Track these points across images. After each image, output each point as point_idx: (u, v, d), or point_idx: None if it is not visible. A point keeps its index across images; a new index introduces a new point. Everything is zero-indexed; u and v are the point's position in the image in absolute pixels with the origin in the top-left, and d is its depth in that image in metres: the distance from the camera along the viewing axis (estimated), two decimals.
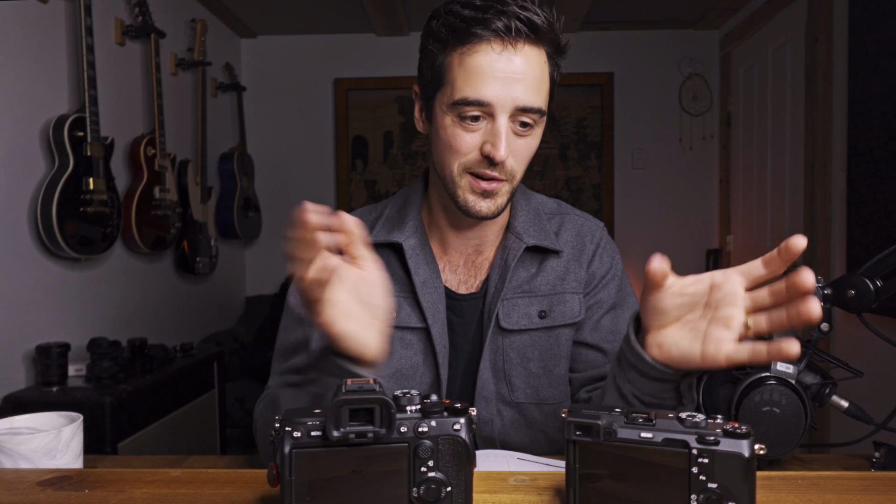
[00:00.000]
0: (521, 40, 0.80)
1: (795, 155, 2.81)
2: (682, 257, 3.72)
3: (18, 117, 1.93)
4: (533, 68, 0.81)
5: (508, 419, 0.92)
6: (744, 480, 0.47)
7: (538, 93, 0.82)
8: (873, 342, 2.22)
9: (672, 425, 0.49)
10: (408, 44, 3.74)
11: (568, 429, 0.51)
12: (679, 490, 0.48)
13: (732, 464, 0.47)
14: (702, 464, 0.48)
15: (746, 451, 0.47)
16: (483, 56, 0.80)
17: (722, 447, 0.47)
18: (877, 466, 0.85)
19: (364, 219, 0.99)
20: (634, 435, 0.49)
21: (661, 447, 0.48)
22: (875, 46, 2.17)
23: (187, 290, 3.04)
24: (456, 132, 0.83)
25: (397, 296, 0.92)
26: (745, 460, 0.47)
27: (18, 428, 0.75)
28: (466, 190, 0.85)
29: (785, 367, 0.82)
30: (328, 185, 3.81)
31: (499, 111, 0.80)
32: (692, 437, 0.48)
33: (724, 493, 0.47)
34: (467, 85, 0.80)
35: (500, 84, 0.80)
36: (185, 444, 2.21)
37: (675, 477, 0.48)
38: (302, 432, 0.49)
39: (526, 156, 0.86)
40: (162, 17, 2.65)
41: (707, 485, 0.47)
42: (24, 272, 1.95)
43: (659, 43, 3.70)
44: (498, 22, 0.78)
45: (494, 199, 0.86)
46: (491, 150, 0.81)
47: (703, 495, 0.48)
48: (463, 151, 0.83)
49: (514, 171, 0.86)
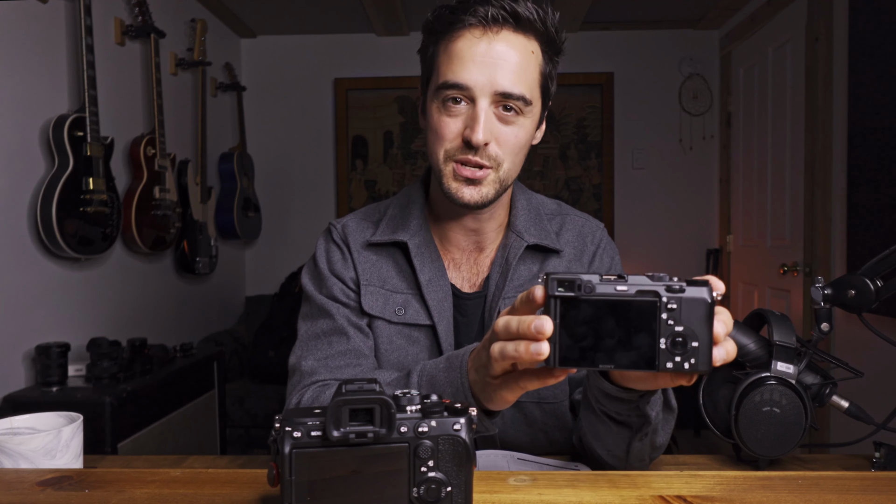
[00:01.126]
0: (502, 27, 0.82)
1: (795, 155, 2.81)
2: (682, 257, 3.72)
3: (18, 117, 1.93)
4: (514, 55, 0.82)
5: (508, 418, 0.92)
6: (705, 322, 0.53)
7: (520, 79, 0.83)
8: (873, 342, 2.23)
9: (643, 280, 0.54)
10: (408, 44, 3.74)
11: (551, 285, 0.54)
12: (648, 333, 0.53)
13: (696, 308, 0.53)
14: (670, 309, 0.53)
15: (708, 296, 0.53)
16: (464, 41, 0.83)
17: (687, 294, 0.53)
18: (877, 466, 0.85)
19: (368, 218, 1.00)
20: (610, 289, 0.53)
21: (634, 297, 0.53)
22: (875, 46, 2.17)
23: (187, 290, 3.04)
24: (441, 119, 0.85)
25: (405, 293, 0.94)
26: (708, 304, 0.52)
27: (18, 428, 0.75)
28: (450, 177, 0.86)
29: (785, 367, 0.82)
30: (328, 185, 3.81)
31: (478, 94, 0.82)
32: (661, 288, 0.53)
33: (689, 334, 0.53)
34: (448, 69, 0.83)
35: (479, 67, 0.81)
36: (185, 444, 2.21)
37: (646, 324, 0.53)
38: (302, 432, 0.49)
39: (512, 144, 0.86)
40: (162, 17, 2.65)
41: (674, 328, 0.53)
42: (24, 272, 1.95)
43: (659, 43, 3.70)
44: (481, 9, 0.81)
45: (479, 187, 0.86)
46: (469, 133, 0.82)
47: (670, 338, 0.53)
48: (447, 137, 0.85)
49: (500, 159, 0.85)
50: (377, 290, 0.94)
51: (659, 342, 0.53)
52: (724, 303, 3.64)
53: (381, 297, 0.94)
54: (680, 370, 0.53)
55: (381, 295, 0.94)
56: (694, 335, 0.53)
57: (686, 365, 0.53)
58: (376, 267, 0.95)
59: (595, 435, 0.78)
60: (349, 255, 0.96)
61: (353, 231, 0.98)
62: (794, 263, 2.78)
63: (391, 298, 0.94)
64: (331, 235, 1.00)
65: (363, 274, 0.95)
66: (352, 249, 0.96)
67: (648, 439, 0.75)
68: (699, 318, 0.53)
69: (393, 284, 0.94)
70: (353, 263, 0.96)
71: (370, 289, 0.94)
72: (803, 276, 2.71)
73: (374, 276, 0.95)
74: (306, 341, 0.94)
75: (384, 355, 0.93)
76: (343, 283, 0.95)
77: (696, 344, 0.53)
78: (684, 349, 0.53)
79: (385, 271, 0.95)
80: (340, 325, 0.92)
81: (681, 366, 0.53)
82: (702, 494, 0.60)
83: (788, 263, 2.81)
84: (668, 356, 0.53)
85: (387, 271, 0.95)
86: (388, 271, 0.95)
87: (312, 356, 0.91)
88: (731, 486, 0.62)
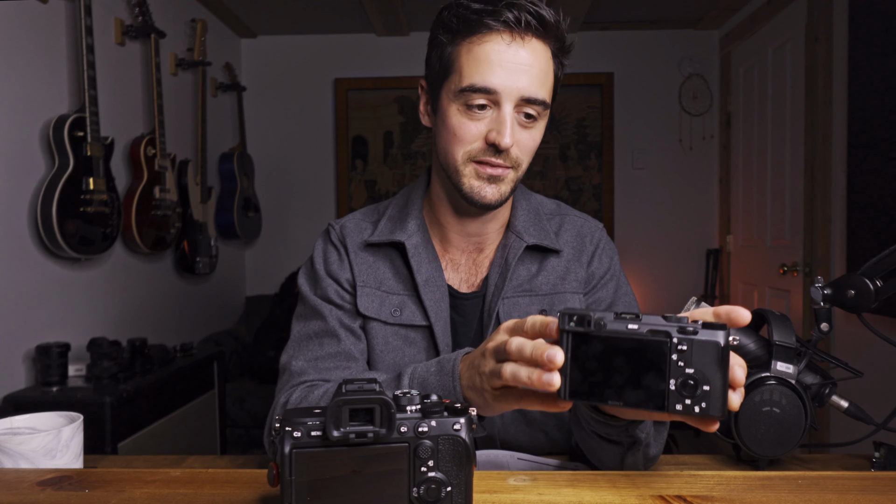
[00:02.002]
0: (529, 33, 0.82)
1: (795, 155, 2.81)
2: (682, 257, 3.72)
3: (18, 117, 1.93)
4: (539, 61, 0.83)
5: (508, 417, 0.92)
6: (717, 366, 0.52)
7: (542, 85, 0.84)
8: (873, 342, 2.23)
9: (656, 320, 0.54)
10: (408, 44, 3.74)
11: (563, 320, 0.55)
12: (658, 374, 0.53)
13: (708, 351, 0.52)
14: (680, 351, 0.52)
15: (722, 339, 0.52)
16: (492, 45, 0.82)
17: (700, 336, 0.52)
18: (877, 466, 0.85)
19: (367, 219, 1.01)
20: (622, 327, 0.54)
21: (644, 337, 0.53)
22: (875, 46, 2.17)
23: (187, 290, 3.04)
24: (462, 121, 0.85)
25: (401, 294, 0.94)
26: (720, 347, 0.51)
27: (18, 428, 0.75)
28: (472, 177, 0.87)
29: (785, 367, 0.82)
30: (328, 185, 3.81)
31: (504, 99, 0.83)
32: (674, 329, 0.53)
33: (700, 377, 0.52)
34: (475, 72, 0.83)
35: (507, 73, 0.82)
36: (185, 444, 2.21)
37: (656, 364, 0.53)
38: (302, 432, 0.49)
39: (530, 147, 0.88)
40: (162, 17, 2.65)
41: (685, 370, 0.52)
42: (24, 272, 1.95)
43: (659, 43, 3.70)
44: (509, 14, 0.81)
45: (499, 185, 0.87)
46: (496, 138, 0.83)
47: (680, 379, 0.52)
48: (468, 140, 0.85)
49: (520, 161, 0.87)
50: (373, 292, 0.94)
51: (669, 383, 0.53)
52: (724, 303, 3.65)
53: (376, 298, 0.94)
54: (690, 413, 0.53)
55: (376, 297, 0.94)
56: (705, 379, 0.52)
57: (696, 409, 0.53)
58: (373, 269, 0.96)
59: (588, 449, 0.79)
60: (346, 256, 0.97)
61: (350, 232, 0.99)
62: (794, 263, 2.78)
63: (387, 300, 0.94)
64: (329, 236, 1.00)
65: (359, 275, 0.95)
66: (349, 251, 0.97)
67: (641, 453, 0.75)
68: (711, 361, 0.52)
69: (389, 286, 0.95)
70: (350, 265, 0.96)
71: (366, 290, 0.94)
72: (803, 276, 2.71)
73: (370, 278, 0.95)
74: (298, 341, 0.94)
75: (380, 356, 0.93)
76: (338, 285, 0.95)
77: (708, 388, 0.52)
78: (694, 392, 0.52)
79: (382, 273, 0.95)
80: (332, 326, 0.92)
81: (691, 409, 0.53)
82: (702, 494, 0.60)
83: (788, 263, 2.81)
84: (677, 398, 0.53)
85: (383, 273, 0.95)
86: (385, 273, 0.95)
87: (303, 356, 0.91)
88: (731, 486, 0.62)
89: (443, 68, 0.87)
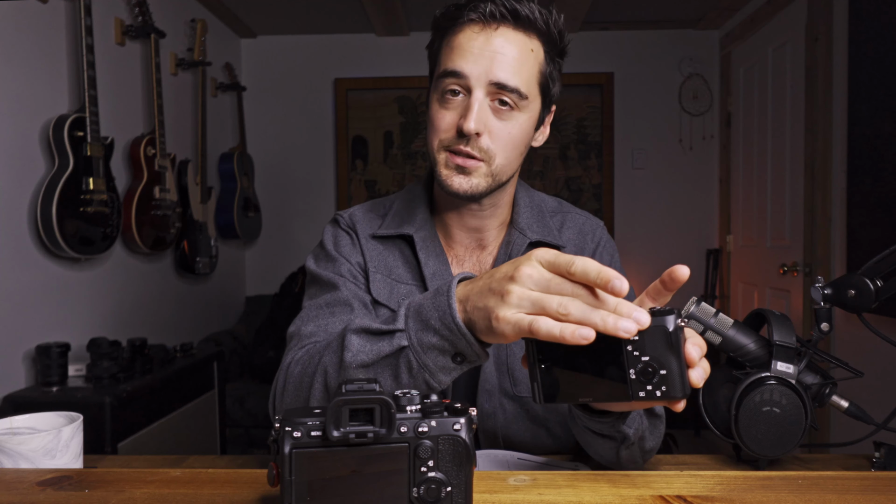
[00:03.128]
0: (498, 23, 0.85)
1: (795, 155, 2.81)
2: (683, 257, 3.72)
3: (18, 117, 1.93)
4: (512, 49, 0.85)
5: (511, 413, 0.92)
6: (669, 350, 0.54)
7: (516, 73, 0.85)
8: (873, 342, 2.23)
9: None
10: (408, 44, 3.74)
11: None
12: (618, 366, 0.55)
13: (658, 337, 0.54)
14: (634, 341, 0.54)
15: (670, 324, 0.54)
16: (463, 35, 0.86)
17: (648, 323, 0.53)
18: (877, 466, 0.85)
19: (374, 211, 1.02)
20: None
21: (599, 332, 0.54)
22: (875, 46, 2.17)
23: (187, 290, 3.04)
24: (438, 110, 0.88)
25: (409, 284, 0.94)
26: (668, 332, 0.53)
27: (18, 428, 0.75)
28: (443, 165, 0.88)
29: (785, 367, 0.82)
30: (328, 185, 3.81)
31: (474, 84, 0.84)
32: None
33: (657, 363, 0.54)
34: (448, 59, 0.86)
35: (475, 57, 0.84)
36: (185, 444, 2.21)
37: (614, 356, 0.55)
38: (302, 432, 0.49)
39: (505, 139, 0.86)
40: (162, 17, 2.65)
41: (641, 358, 0.54)
42: (24, 272, 1.95)
43: (659, 43, 3.70)
44: (482, 5, 0.85)
45: (469, 177, 0.86)
46: (461, 122, 0.84)
47: (639, 367, 0.55)
48: (442, 128, 0.87)
49: (492, 153, 0.86)
50: (384, 279, 0.95)
51: (629, 373, 0.55)
52: (724, 303, 3.64)
53: (387, 285, 0.94)
54: (653, 398, 0.55)
55: (387, 283, 0.95)
56: (661, 363, 0.54)
57: (658, 392, 0.55)
58: (383, 256, 0.96)
59: (585, 443, 0.80)
60: (357, 241, 0.97)
61: (360, 220, 1.00)
62: (794, 263, 2.78)
63: (396, 288, 0.94)
64: (338, 223, 1.01)
65: (371, 261, 0.96)
66: (360, 236, 0.97)
67: (636, 446, 0.76)
68: (663, 346, 0.54)
69: (398, 274, 0.95)
70: (362, 249, 0.97)
71: (377, 276, 0.95)
72: (803, 276, 2.71)
73: (380, 265, 0.96)
74: (308, 311, 0.91)
75: None
76: (350, 265, 0.95)
77: (665, 372, 0.54)
78: (653, 378, 0.55)
79: (391, 261, 0.96)
80: (345, 296, 0.91)
81: (653, 394, 0.55)
82: (702, 494, 0.60)
83: (788, 263, 2.81)
84: (639, 385, 0.55)
85: (393, 261, 0.96)
86: (395, 261, 0.96)
87: (313, 322, 0.89)
88: (731, 486, 0.62)
89: (431, 66, 0.92)
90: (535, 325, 0.54)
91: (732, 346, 0.84)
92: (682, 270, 0.57)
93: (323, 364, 0.74)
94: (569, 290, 0.56)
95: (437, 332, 0.63)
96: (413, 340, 0.65)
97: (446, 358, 0.64)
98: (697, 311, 0.83)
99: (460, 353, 0.64)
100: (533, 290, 0.56)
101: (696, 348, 0.55)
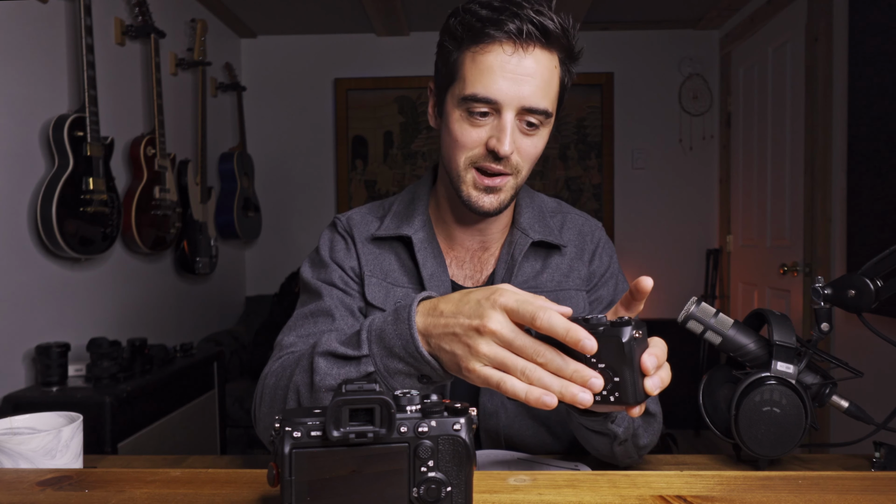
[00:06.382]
0: (532, 44, 0.83)
1: (795, 155, 2.81)
2: (682, 257, 3.72)
3: (18, 117, 1.93)
4: (542, 71, 0.84)
5: (513, 412, 0.93)
6: (622, 360, 0.56)
7: (545, 95, 0.85)
8: (873, 342, 2.23)
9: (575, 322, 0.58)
10: (408, 44, 3.74)
11: None
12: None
13: (612, 347, 0.56)
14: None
15: (624, 336, 0.56)
16: (494, 56, 0.83)
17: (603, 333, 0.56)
18: (877, 466, 0.85)
19: (372, 213, 1.02)
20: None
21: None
22: (875, 46, 2.17)
23: (187, 290, 3.04)
24: (463, 127, 0.86)
25: (406, 287, 0.95)
26: (621, 343, 0.56)
27: (18, 428, 0.75)
28: (471, 185, 0.88)
29: (785, 367, 0.82)
30: (328, 185, 3.81)
31: (505, 108, 0.83)
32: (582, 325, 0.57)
33: (612, 371, 0.57)
34: (478, 82, 0.83)
35: (509, 83, 0.82)
36: (185, 444, 2.21)
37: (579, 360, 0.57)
38: (302, 432, 0.49)
39: (531, 154, 0.88)
40: (162, 17, 2.65)
41: (598, 365, 0.57)
42: (24, 272, 1.95)
43: (659, 43, 3.70)
44: (511, 24, 0.81)
45: (498, 194, 0.88)
46: (496, 145, 0.84)
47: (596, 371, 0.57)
48: (469, 146, 0.86)
49: (520, 167, 0.88)
50: (380, 283, 0.95)
51: None
52: (724, 303, 3.64)
53: (382, 288, 0.95)
54: (607, 402, 0.57)
55: (382, 287, 0.95)
56: (615, 371, 0.57)
57: (612, 398, 0.57)
58: (379, 260, 0.97)
59: (581, 438, 0.81)
60: (353, 245, 0.98)
61: (357, 224, 1.00)
62: (794, 263, 2.78)
63: (392, 291, 0.95)
64: (336, 227, 1.01)
65: (366, 265, 0.96)
66: (356, 241, 0.98)
67: (630, 443, 0.78)
68: (617, 356, 0.56)
69: (394, 278, 0.95)
70: (357, 254, 0.97)
71: (373, 280, 0.95)
72: (803, 276, 2.71)
73: (376, 269, 0.96)
74: (294, 320, 0.94)
75: None
76: (343, 271, 0.96)
77: (618, 379, 0.57)
78: (608, 384, 0.57)
79: (388, 264, 0.96)
80: (328, 306, 0.92)
81: (607, 399, 0.57)
82: (702, 494, 0.60)
83: (788, 263, 2.81)
84: None
85: (389, 264, 0.96)
86: (391, 265, 0.96)
87: (295, 332, 0.91)
88: (731, 486, 0.62)
89: (448, 74, 0.88)
90: (503, 385, 0.58)
91: (732, 346, 0.84)
92: (645, 281, 0.61)
93: (295, 382, 0.76)
94: (530, 351, 0.58)
95: (402, 360, 0.66)
96: (379, 366, 0.67)
97: (412, 380, 0.67)
98: (697, 311, 0.83)
99: (426, 375, 0.66)
100: (498, 349, 0.59)
101: (651, 358, 0.57)
